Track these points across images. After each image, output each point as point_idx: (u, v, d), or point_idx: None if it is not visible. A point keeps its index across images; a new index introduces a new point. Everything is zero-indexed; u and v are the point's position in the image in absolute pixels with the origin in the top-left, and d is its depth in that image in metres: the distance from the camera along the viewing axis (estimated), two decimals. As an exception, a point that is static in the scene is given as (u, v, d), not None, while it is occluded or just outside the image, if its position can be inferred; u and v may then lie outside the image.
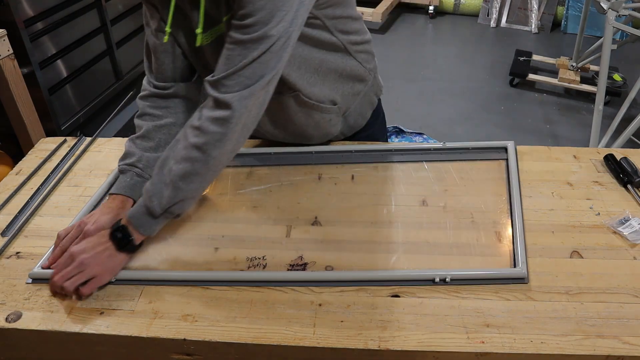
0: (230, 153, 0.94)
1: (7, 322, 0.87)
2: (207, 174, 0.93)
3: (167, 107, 1.09)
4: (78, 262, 0.90)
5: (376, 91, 1.26)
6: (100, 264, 0.91)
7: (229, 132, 0.89)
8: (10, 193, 1.17)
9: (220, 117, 0.89)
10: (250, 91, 0.88)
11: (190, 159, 0.91)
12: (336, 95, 1.13)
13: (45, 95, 2.50)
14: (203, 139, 0.90)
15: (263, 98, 0.92)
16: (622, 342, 0.79)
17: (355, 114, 1.22)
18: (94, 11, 2.82)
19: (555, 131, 3.02)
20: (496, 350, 0.79)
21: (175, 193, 0.92)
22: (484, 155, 1.21)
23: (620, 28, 2.56)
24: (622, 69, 3.35)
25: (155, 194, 0.92)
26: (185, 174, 0.91)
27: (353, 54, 1.11)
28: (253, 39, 0.86)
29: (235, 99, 0.88)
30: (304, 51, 1.02)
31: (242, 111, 0.89)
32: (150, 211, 0.93)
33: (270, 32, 0.85)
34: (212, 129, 0.89)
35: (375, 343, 0.81)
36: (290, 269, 0.95)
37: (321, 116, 1.14)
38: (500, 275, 0.91)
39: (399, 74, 3.64)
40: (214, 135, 0.89)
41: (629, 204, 1.06)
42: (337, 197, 1.12)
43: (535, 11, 4.29)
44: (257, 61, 0.87)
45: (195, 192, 0.95)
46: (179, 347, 0.84)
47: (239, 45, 0.87)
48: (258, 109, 0.93)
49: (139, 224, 0.94)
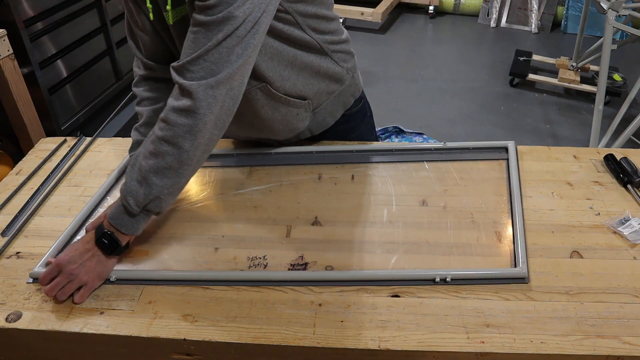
0: (205, 146, 0.90)
1: (7, 322, 0.87)
2: (181, 169, 0.89)
3: (160, 88, 1.07)
4: (67, 273, 0.89)
5: (353, 92, 1.21)
6: (89, 272, 0.91)
7: (198, 124, 0.86)
8: (10, 193, 1.17)
9: (184, 107, 0.86)
10: (217, 80, 0.84)
11: (161, 153, 0.88)
12: (309, 91, 1.10)
13: (45, 95, 2.50)
14: (171, 132, 0.87)
15: (237, 90, 0.89)
16: (622, 342, 0.79)
17: (325, 112, 1.19)
18: (94, 11, 2.82)
19: (555, 131, 3.02)
20: (496, 350, 0.79)
21: (149, 190, 0.89)
22: (485, 155, 1.21)
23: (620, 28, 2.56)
24: (622, 69, 3.35)
25: (129, 192, 0.90)
26: (158, 169, 0.88)
27: (329, 54, 1.09)
28: (216, 20, 0.82)
29: (201, 88, 0.84)
30: (275, 44, 0.99)
31: (210, 101, 0.85)
32: (128, 211, 0.91)
33: (234, 13, 0.82)
34: (178, 120, 0.86)
35: (375, 343, 0.81)
36: (292, 268, 0.95)
37: (288, 110, 1.10)
38: (500, 275, 0.91)
39: (399, 74, 3.64)
40: (182, 127, 0.86)
41: (629, 204, 1.06)
42: (337, 197, 1.12)
43: (535, 11, 4.29)
44: (223, 45, 0.83)
45: (172, 187, 0.91)
46: (179, 347, 0.84)
47: (202, 27, 0.84)
48: (232, 102, 0.89)
49: (120, 224, 0.92)
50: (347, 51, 1.15)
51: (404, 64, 3.79)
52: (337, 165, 1.20)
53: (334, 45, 1.10)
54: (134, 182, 0.90)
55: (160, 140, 0.88)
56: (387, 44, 4.12)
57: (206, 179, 1.20)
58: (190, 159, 0.89)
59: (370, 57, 3.82)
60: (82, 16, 2.72)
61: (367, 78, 1.64)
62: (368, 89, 1.32)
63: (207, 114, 0.86)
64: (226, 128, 0.93)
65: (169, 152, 0.88)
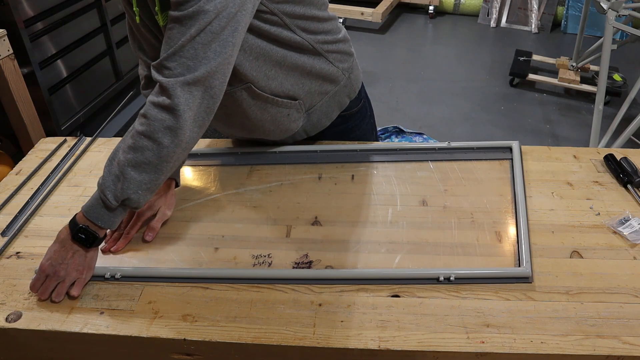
0: (185, 144, 0.90)
1: (7, 322, 0.87)
2: (160, 165, 0.89)
3: None
4: (54, 276, 0.90)
5: (349, 93, 1.19)
6: (75, 267, 0.91)
7: (178, 121, 0.86)
8: (10, 193, 1.17)
9: (163, 103, 0.86)
10: (194, 77, 0.85)
11: (140, 148, 0.88)
12: (299, 92, 1.09)
13: (45, 95, 2.50)
14: (150, 127, 0.87)
15: (217, 89, 0.89)
16: (622, 342, 0.79)
17: (320, 113, 1.17)
18: (94, 11, 2.82)
19: (555, 131, 3.02)
20: (496, 350, 0.79)
21: (127, 184, 0.89)
22: (488, 155, 1.21)
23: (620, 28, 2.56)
24: (622, 69, 3.35)
25: (107, 186, 0.89)
26: (137, 163, 0.88)
27: (323, 54, 1.07)
28: (188, 15, 0.83)
29: (178, 84, 0.85)
30: (262, 44, 0.98)
31: (187, 98, 0.85)
32: (106, 205, 0.90)
33: (204, 7, 0.82)
34: (158, 116, 0.86)
35: (375, 343, 0.81)
36: (296, 266, 0.95)
37: (278, 110, 1.08)
38: (504, 275, 0.91)
39: (399, 74, 3.64)
40: (161, 122, 0.86)
41: (629, 204, 1.06)
42: (337, 197, 1.12)
43: (535, 11, 4.29)
44: (197, 40, 0.84)
45: (150, 183, 0.90)
46: (179, 347, 0.84)
47: (176, 22, 0.84)
48: (211, 101, 0.89)
49: (97, 217, 0.91)
50: (344, 51, 1.13)
51: (404, 64, 3.79)
52: (337, 165, 1.20)
53: (328, 45, 1.08)
54: (112, 176, 0.89)
55: (140, 135, 0.87)
56: (387, 44, 4.12)
57: (206, 178, 1.20)
58: (169, 155, 0.89)
59: (370, 57, 3.82)
60: (82, 16, 2.72)
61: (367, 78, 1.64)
62: (368, 89, 1.31)
63: (185, 111, 0.86)
64: (206, 126, 0.93)
65: (148, 147, 0.87)
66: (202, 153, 1.27)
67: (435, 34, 4.38)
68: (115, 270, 0.95)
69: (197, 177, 1.20)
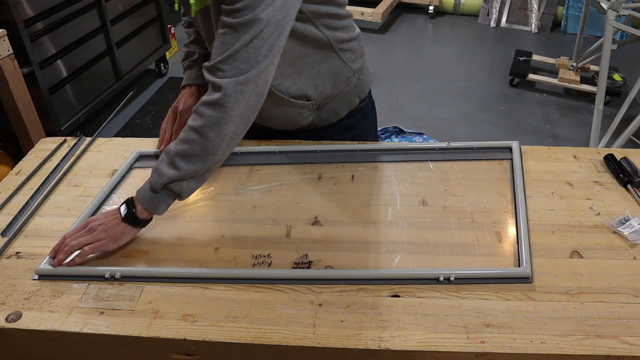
0: (230, 139, 0.96)
1: (7, 322, 0.87)
2: (205, 157, 0.96)
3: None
4: (88, 227, 0.99)
5: (359, 93, 1.24)
6: (107, 230, 0.98)
7: (225, 117, 0.93)
8: (10, 193, 1.17)
9: (214, 101, 0.93)
10: (246, 78, 0.91)
11: (189, 141, 0.95)
12: (312, 91, 1.14)
13: (45, 95, 2.50)
14: (199, 122, 0.94)
15: (262, 87, 0.95)
16: (622, 342, 0.79)
17: (329, 110, 1.22)
18: (94, 11, 2.82)
19: (555, 131, 3.03)
20: (496, 350, 0.79)
21: (174, 172, 0.96)
22: (488, 155, 1.21)
23: (620, 28, 2.56)
24: (622, 69, 3.35)
25: (157, 170, 0.98)
26: (184, 154, 0.95)
27: (337, 52, 1.12)
28: (243, 23, 0.89)
29: (231, 84, 0.91)
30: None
31: (238, 96, 0.92)
32: (152, 187, 0.98)
33: (259, 16, 0.89)
34: (207, 112, 0.93)
35: (375, 343, 0.81)
36: (295, 267, 0.95)
37: (290, 109, 1.15)
38: (504, 275, 0.91)
39: (399, 74, 3.64)
40: (210, 118, 0.93)
41: (629, 204, 1.06)
42: (337, 197, 1.12)
43: (535, 11, 4.29)
44: (250, 46, 0.90)
45: (196, 173, 0.97)
46: (179, 347, 0.84)
47: (231, 28, 0.91)
48: (256, 98, 0.95)
49: (143, 199, 0.98)
50: (357, 50, 1.18)
51: (404, 64, 3.80)
52: (337, 165, 1.20)
53: (343, 44, 1.13)
54: (163, 163, 0.98)
55: (190, 129, 0.95)
56: (387, 44, 4.12)
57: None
58: (214, 149, 0.95)
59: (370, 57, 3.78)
60: (82, 16, 2.73)
61: (367, 78, 1.64)
62: (368, 89, 1.32)
63: (233, 108, 0.93)
64: (251, 124, 0.98)
65: (195, 140, 0.95)
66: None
67: (435, 34, 4.38)
68: (115, 271, 0.95)
69: (197, 177, 1.20)
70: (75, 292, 0.93)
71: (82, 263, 0.97)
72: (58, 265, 0.96)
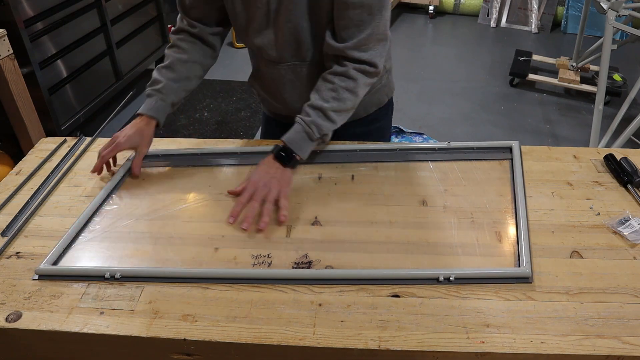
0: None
1: (7, 322, 0.87)
2: (351, 110, 1.16)
3: (194, 43, 1.24)
4: (262, 186, 1.08)
5: (387, 92, 1.35)
6: (278, 180, 1.10)
7: (373, 81, 1.15)
8: (10, 193, 1.17)
9: (369, 71, 1.12)
10: (383, 46, 1.12)
11: (343, 99, 1.12)
12: None
13: (45, 95, 2.50)
14: (354, 84, 1.12)
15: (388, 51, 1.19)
16: (622, 342, 0.79)
17: (360, 107, 1.22)
18: (94, 11, 2.82)
19: (555, 131, 3.03)
20: (496, 350, 0.79)
21: (330, 124, 1.13)
22: (488, 155, 1.21)
23: (620, 28, 2.56)
24: (622, 69, 3.35)
25: (314, 123, 1.12)
26: (339, 110, 1.13)
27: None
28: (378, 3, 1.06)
29: (378, 57, 1.11)
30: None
31: (380, 64, 1.12)
32: (310, 136, 1.12)
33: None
34: (363, 79, 1.12)
35: (375, 343, 0.81)
36: (295, 267, 0.95)
37: None
38: (504, 275, 0.91)
39: (399, 74, 3.62)
40: (365, 81, 1.13)
41: (629, 204, 1.06)
42: (337, 197, 1.12)
43: (535, 11, 4.30)
44: (382, 22, 1.09)
45: (341, 123, 1.15)
46: (179, 347, 0.84)
47: (365, 8, 1.05)
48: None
49: (297, 147, 1.12)
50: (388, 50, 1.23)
51: (404, 64, 3.80)
52: (337, 165, 1.20)
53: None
54: (318, 118, 1.12)
55: (344, 89, 1.12)
56: (387, 44, 4.12)
57: (206, 178, 1.20)
58: (357, 104, 1.17)
59: (370, 57, 3.82)
60: (82, 16, 2.73)
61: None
62: (368, 89, 1.32)
63: (378, 73, 1.14)
64: None
65: (349, 99, 1.13)
66: (203, 153, 1.27)
67: (435, 34, 4.39)
68: (115, 270, 0.94)
69: (198, 177, 1.20)
70: (75, 292, 0.93)
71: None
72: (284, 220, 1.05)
